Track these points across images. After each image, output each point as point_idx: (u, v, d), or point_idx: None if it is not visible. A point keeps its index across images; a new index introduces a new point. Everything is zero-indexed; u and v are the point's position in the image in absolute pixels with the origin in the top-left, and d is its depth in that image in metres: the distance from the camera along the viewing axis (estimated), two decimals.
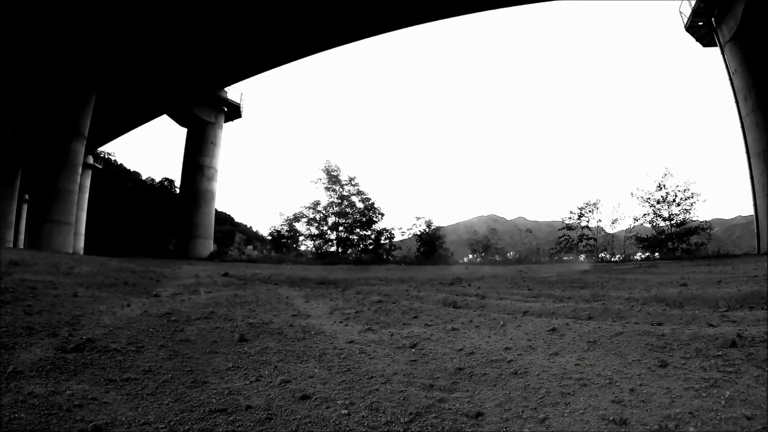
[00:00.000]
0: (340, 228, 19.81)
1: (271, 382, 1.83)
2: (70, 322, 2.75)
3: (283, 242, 19.86)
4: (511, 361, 2.05)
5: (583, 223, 17.32)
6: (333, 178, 19.90)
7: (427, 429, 1.38)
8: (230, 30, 16.14)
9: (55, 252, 12.71)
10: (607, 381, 1.68)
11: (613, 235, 16.94)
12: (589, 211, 17.40)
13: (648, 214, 16.19)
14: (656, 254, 15.29)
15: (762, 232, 12.36)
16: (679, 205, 15.68)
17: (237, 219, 47.38)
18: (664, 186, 15.97)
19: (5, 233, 24.00)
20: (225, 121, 22.60)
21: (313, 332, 2.79)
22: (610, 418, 1.35)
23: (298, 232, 20.06)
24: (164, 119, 23.32)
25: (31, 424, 1.35)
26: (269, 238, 21.78)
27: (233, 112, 22.79)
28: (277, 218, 22.76)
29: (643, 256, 15.49)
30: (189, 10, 14.72)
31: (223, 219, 37.76)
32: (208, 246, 20.91)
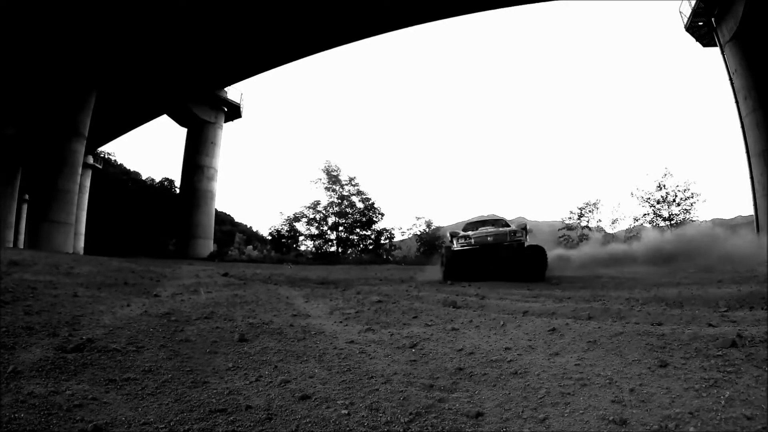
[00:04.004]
0: (340, 228, 19.82)
1: (271, 382, 1.83)
2: (70, 322, 2.75)
3: (283, 242, 19.87)
4: (511, 361, 2.05)
5: (583, 223, 17.34)
6: (333, 178, 19.92)
7: (427, 429, 1.38)
8: (230, 30, 16.13)
9: (55, 252, 12.70)
10: (607, 381, 1.68)
11: (613, 235, 16.96)
12: (589, 211, 17.44)
13: (648, 214, 16.22)
14: None
15: (762, 231, 12.36)
16: (679, 205, 15.71)
17: (237, 219, 47.28)
18: (664, 186, 16.00)
19: (5, 233, 24.00)
20: (225, 121, 22.60)
21: (313, 332, 2.79)
22: (610, 418, 1.35)
23: (298, 232, 20.08)
24: (164, 119, 23.35)
25: (31, 424, 1.35)
26: (269, 238, 21.80)
27: (233, 112, 22.79)
28: (277, 218, 22.78)
29: None
30: (189, 10, 14.71)
31: (223, 219, 37.72)
32: (208, 246, 20.91)
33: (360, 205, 20.05)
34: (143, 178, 40.63)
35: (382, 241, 19.68)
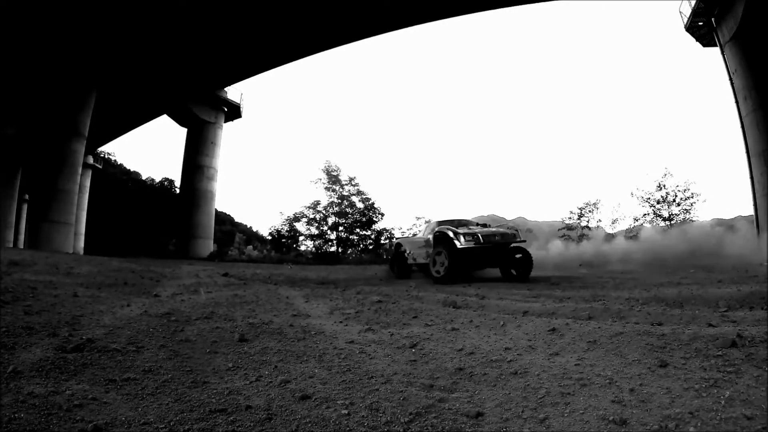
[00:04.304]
0: (340, 228, 19.81)
1: (271, 382, 1.83)
2: (70, 322, 2.75)
3: (283, 242, 19.86)
4: (511, 361, 2.05)
5: (583, 223, 17.35)
6: (333, 178, 19.91)
7: (427, 429, 1.38)
8: (230, 30, 16.13)
9: (55, 252, 12.70)
10: (607, 381, 1.68)
11: (613, 235, 16.97)
12: (589, 211, 17.45)
13: (648, 214, 16.22)
14: None
15: (762, 231, 12.36)
16: (679, 205, 15.71)
17: (237, 219, 47.27)
18: (664, 186, 16.00)
19: (5, 233, 24.00)
20: (225, 121, 22.61)
21: (313, 332, 2.79)
22: (610, 418, 1.34)
23: (298, 232, 20.07)
24: (164, 119, 23.35)
25: (31, 424, 1.35)
26: (269, 238, 21.82)
27: (233, 112, 22.80)
28: (277, 218, 22.79)
29: None
30: (189, 10, 14.71)
31: (223, 219, 37.73)
32: (208, 246, 20.92)
33: (360, 205, 20.06)
34: (143, 178, 40.66)
35: (382, 241, 19.68)
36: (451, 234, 7.17)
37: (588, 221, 17.43)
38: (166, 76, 18.83)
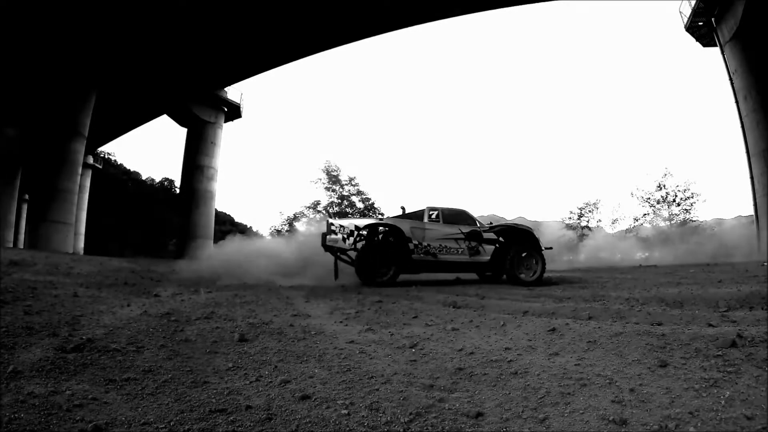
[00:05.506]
0: None
1: (271, 382, 1.83)
2: (70, 322, 2.75)
3: None
4: (511, 361, 2.05)
5: (584, 223, 17.35)
6: (333, 178, 19.93)
7: (427, 429, 1.38)
8: (230, 30, 16.13)
9: (55, 252, 12.70)
10: (607, 381, 1.68)
11: (613, 236, 16.98)
12: (589, 211, 17.45)
13: (648, 214, 16.22)
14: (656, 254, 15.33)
15: (762, 231, 12.36)
16: (679, 205, 15.72)
17: (237, 219, 47.23)
18: (664, 186, 16.00)
19: (5, 233, 23.98)
20: (225, 121, 22.58)
21: (313, 332, 2.79)
22: (610, 418, 1.34)
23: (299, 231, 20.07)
24: (164, 119, 23.33)
25: (31, 424, 1.35)
26: (269, 238, 21.82)
27: (233, 112, 22.79)
28: (277, 218, 22.82)
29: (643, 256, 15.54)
30: (189, 10, 14.71)
31: (223, 219, 37.68)
32: (208, 246, 20.90)
33: (360, 205, 20.09)
34: (143, 178, 40.63)
35: None
36: (536, 234, 6.63)
37: (588, 221, 17.44)
38: (166, 76, 18.82)
